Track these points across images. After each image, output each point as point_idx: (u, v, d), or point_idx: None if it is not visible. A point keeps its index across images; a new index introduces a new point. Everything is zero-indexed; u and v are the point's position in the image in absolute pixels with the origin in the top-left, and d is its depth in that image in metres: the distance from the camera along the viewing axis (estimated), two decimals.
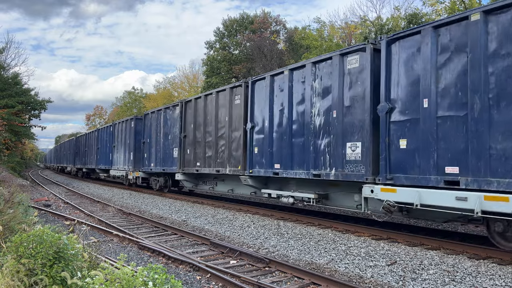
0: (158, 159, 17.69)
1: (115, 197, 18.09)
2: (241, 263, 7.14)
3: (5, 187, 11.43)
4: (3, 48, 29.91)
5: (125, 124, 22.04)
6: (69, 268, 3.67)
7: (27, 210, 9.41)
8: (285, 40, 36.34)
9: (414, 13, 21.96)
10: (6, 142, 25.39)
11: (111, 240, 9.05)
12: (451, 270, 5.95)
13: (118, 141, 23.05)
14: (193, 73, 46.40)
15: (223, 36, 38.40)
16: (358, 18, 29.75)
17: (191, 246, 8.59)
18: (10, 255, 3.75)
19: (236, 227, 9.89)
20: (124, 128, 22.15)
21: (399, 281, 5.72)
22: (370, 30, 24.79)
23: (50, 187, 25.89)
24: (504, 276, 5.58)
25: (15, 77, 29.96)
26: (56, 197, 18.90)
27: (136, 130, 20.62)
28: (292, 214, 11.08)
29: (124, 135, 21.95)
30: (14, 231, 5.44)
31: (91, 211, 13.92)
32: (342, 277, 6.19)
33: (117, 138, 23.32)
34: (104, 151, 25.83)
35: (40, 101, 30.12)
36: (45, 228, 3.98)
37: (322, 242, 7.97)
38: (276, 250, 7.78)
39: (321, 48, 26.33)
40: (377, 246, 7.44)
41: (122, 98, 67.50)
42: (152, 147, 18.45)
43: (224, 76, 36.02)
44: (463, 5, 19.85)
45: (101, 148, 26.60)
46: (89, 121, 79.78)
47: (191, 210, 12.95)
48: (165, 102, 39.93)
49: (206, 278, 6.23)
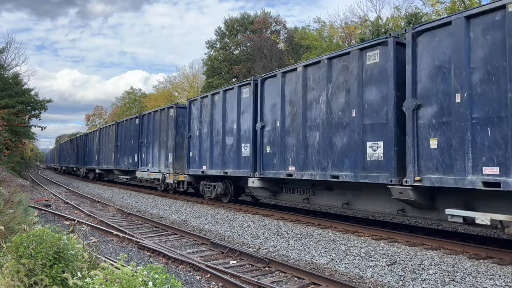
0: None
1: (115, 197, 18.09)
2: (241, 263, 7.14)
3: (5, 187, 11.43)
4: (3, 48, 29.94)
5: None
6: (69, 268, 3.67)
7: (27, 210, 9.41)
8: (285, 40, 36.34)
9: (414, 13, 21.97)
10: (6, 142, 25.39)
11: (111, 240, 9.05)
12: (451, 270, 5.95)
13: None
14: (193, 73, 46.43)
15: (224, 35, 38.41)
16: (358, 18, 29.78)
17: (191, 246, 8.59)
18: (10, 255, 3.75)
19: (236, 227, 9.89)
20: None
21: (399, 281, 5.72)
22: (369, 30, 24.78)
23: (50, 187, 25.89)
24: (504, 276, 5.57)
25: (15, 77, 29.98)
26: (56, 197, 18.90)
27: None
28: (292, 214, 11.07)
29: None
30: (14, 231, 5.44)
31: (91, 211, 13.92)
32: (342, 277, 6.19)
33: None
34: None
35: (40, 101, 30.12)
36: (45, 228, 3.98)
37: (322, 242, 7.97)
38: (276, 250, 7.78)
39: (321, 48, 26.34)
40: (377, 246, 7.44)
41: (122, 98, 67.56)
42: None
43: (224, 76, 36.03)
44: (463, 5, 19.85)
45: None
46: (89, 121, 79.76)
47: (191, 210, 12.95)
48: (166, 102, 39.89)
49: (206, 278, 6.23)
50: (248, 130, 11.82)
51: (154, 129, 18.60)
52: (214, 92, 13.96)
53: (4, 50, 30.16)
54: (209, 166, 13.73)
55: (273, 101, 10.88)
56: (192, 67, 57.35)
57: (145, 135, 19.47)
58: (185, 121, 15.89)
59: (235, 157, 12.34)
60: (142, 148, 19.61)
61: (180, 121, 16.61)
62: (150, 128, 19.01)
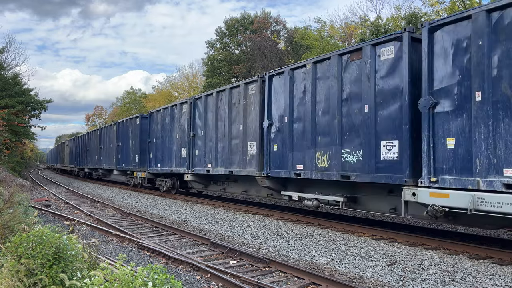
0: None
1: (115, 197, 18.09)
2: (241, 263, 7.14)
3: (5, 187, 11.43)
4: (3, 48, 29.97)
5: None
6: (68, 268, 3.67)
7: (27, 210, 9.42)
8: (286, 40, 36.35)
9: (413, 13, 21.99)
10: (6, 142, 25.40)
11: (111, 240, 9.04)
12: (451, 270, 5.95)
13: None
14: (192, 73, 46.43)
15: (224, 35, 38.41)
16: (358, 18, 29.80)
17: (191, 246, 8.58)
18: (10, 255, 3.75)
19: (236, 227, 9.89)
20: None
21: (399, 281, 5.71)
22: (369, 30, 24.79)
23: (50, 187, 25.88)
24: (504, 276, 5.57)
25: (15, 77, 30.00)
26: (56, 197, 18.89)
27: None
28: (292, 214, 11.07)
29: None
30: (14, 231, 5.44)
31: (91, 211, 13.91)
32: (342, 277, 6.18)
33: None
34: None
35: (40, 101, 30.15)
36: (45, 228, 3.98)
37: (322, 242, 7.96)
38: (276, 250, 7.77)
39: (318, 48, 26.37)
40: (377, 246, 7.43)
41: (122, 98, 67.57)
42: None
43: (224, 76, 36.03)
44: (463, 5, 19.84)
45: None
46: (89, 121, 79.78)
47: (191, 210, 12.94)
48: (166, 102, 39.88)
49: (206, 278, 6.22)
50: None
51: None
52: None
53: (4, 50, 30.21)
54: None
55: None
56: (192, 67, 57.35)
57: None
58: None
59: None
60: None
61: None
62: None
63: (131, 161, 20.55)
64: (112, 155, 23.70)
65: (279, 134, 10.57)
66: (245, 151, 11.92)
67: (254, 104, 11.68)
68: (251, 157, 11.70)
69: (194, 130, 14.73)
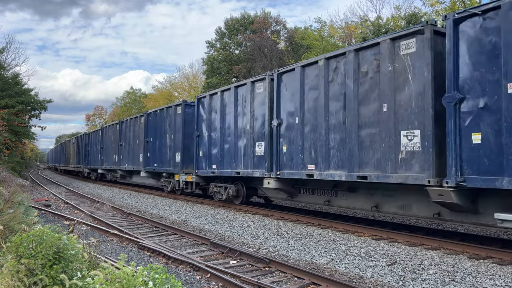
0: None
1: (115, 197, 18.10)
2: (241, 263, 7.14)
3: (5, 187, 11.43)
4: (3, 48, 29.97)
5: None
6: (69, 268, 3.67)
7: (27, 210, 9.42)
8: (286, 40, 36.36)
9: (414, 13, 21.99)
10: (6, 142, 25.39)
11: (111, 240, 9.05)
12: (451, 270, 5.95)
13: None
14: (192, 73, 46.44)
15: (224, 35, 38.42)
16: (358, 18, 29.81)
17: (191, 246, 8.59)
18: (10, 255, 3.75)
19: (236, 227, 9.89)
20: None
21: (399, 281, 5.71)
22: (370, 30, 24.80)
23: (50, 187, 25.89)
24: (504, 276, 5.57)
25: (15, 77, 30.00)
26: (56, 197, 18.90)
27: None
28: (292, 214, 11.06)
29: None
30: (14, 231, 5.44)
31: (91, 211, 13.92)
32: (342, 277, 6.18)
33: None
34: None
35: (40, 101, 30.14)
36: (45, 228, 3.97)
37: (322, 242, 7.96)
38: (276, 250, 7.78)
39: (318, 48, 26.38)
40: (377, 246, 7.43)
41: (122, 98, 67.58)
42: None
43: (224, 76, 36.04)
44: (463, 5, 19.84)
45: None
46: (89, 121, 79.79)
47: (191, 210, 12.95)
48: (166, 102, 39.87)
49: (206, 278, 6.23)
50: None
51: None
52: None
53: (4, 50, 30.20)
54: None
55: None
56: (192, 67, 57.40)
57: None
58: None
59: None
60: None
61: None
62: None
63: (168, 160, 16.66)
64: (138, 153, 19.82)
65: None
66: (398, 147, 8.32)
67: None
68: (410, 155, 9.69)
69: (278, 117, 10.65)
